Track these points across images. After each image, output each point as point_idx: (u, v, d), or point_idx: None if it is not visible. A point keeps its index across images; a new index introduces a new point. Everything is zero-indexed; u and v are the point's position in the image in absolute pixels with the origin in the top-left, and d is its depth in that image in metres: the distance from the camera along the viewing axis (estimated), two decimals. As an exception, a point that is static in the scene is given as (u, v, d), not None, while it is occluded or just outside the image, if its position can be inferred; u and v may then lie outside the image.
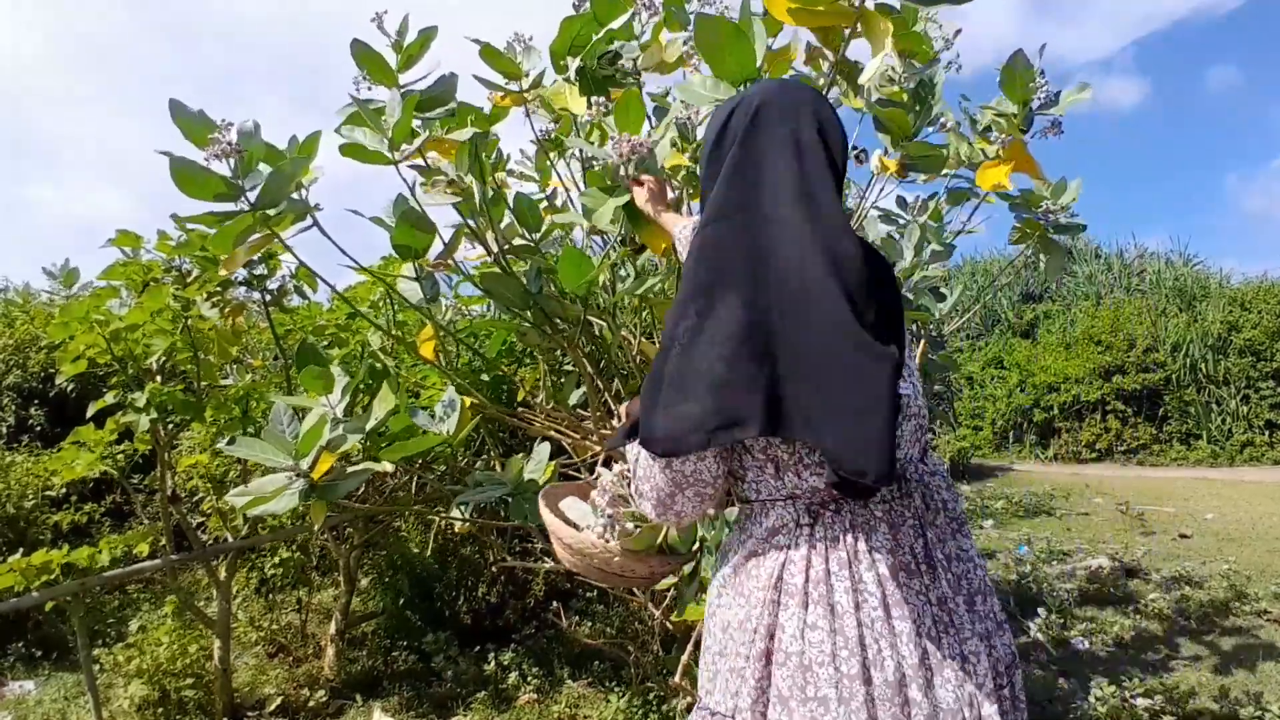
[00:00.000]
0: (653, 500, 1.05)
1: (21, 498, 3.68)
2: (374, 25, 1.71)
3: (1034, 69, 1.75)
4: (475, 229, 1.92)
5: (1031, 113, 1.80)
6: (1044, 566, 4.14)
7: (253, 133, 1.50)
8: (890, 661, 0.96)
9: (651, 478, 1.04)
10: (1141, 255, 11.84)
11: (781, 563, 1.02)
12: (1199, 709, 2.51)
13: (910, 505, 1.04)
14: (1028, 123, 1.81)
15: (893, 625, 0.97)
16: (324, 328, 2.76)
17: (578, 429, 2.17)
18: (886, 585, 0.98)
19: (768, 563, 1.03)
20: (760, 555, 1.05)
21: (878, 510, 1.02)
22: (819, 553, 1.00)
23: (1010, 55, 1.76)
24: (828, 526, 1.01)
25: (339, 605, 3.13)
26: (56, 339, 2.38)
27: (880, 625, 0.97)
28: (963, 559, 1.06)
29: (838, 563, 0.99)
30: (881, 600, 0.98)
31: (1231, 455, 8.15)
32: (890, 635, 0.97)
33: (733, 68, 1.34)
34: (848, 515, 1.01)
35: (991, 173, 1.80)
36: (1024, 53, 1.75)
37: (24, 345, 4.91)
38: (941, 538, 1.05)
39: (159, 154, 1.41)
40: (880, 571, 0.99)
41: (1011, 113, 1.80)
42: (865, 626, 0.97)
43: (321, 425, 1.50)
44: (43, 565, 2.24)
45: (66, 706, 2.87)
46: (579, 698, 2.73)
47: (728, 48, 1.30)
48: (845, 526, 1.01)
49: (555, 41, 1.78)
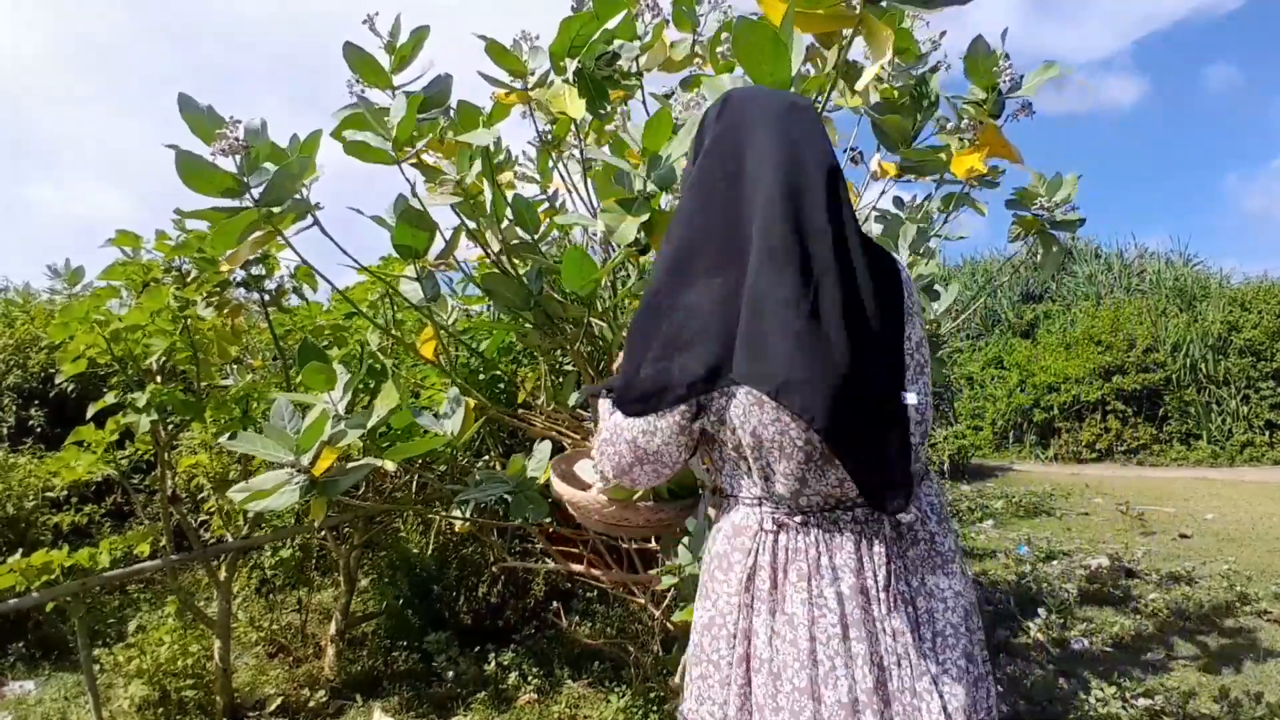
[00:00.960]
0: (612, 463, 1.08)
1: (22, 498, 3.67)
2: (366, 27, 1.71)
3: (997, 54, 1.76)
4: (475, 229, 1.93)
5: (1001, 97, 1.81)
6: (1044, 566, 4.14)
7: (259, 131, 1.50)
8: (844, 682, 0.94)
9: (616, 444, 1.06)
10: (1141, 255, 11.84)
11: (751, 567, 1.02)
12: (1199, 709, 2.51)
13: (881, 531, 1.01)
14: (999, 108, 1.82)
15: (849, 646, 0.95)
16: (323, 328, 2.76)
17: (578, 429, 2.17)
18: (846, 604, 0.97)
19: (735, 567, 1.03)
20: (726, 557, 1.05)
21: (847, 530, 1.00)
22: (779, 563, 1.00)
23: (970, 42, 1.77)
24: (792, 536, 1.01)
25: (339, 605, 3.13)
26: (57, 339, 2.38)
27: (836, 643, 0.95)
28: (934, 596, 1.01)
29: (797, 574, 0.99)
30: (840, 618, 0.96)
31: (1232, 455, 8.15)
32: (846, 655, 0.95)
33: (767, 74, 1.34)
34: (814, 530, 1.00)
35: (965, 159, 1.80)
36: (984, 38, 1.77)
37: (24, 345, 4.90)
38: (912, 569, 1.02)
39: (166, 147, 1.41)
40: (841, 590, 0.97)
41: (980, 99, 1.81)
42: (819, 642, 0.96)
43: (323, 420, 1.50)
44: (43, 565, 2.24)
45: (67, 706, 2.87)
46: (579, 698, 2.73)
47: (767, 55, 1.29)
48: (811, 540, 1.00)
49: (554, 43, 1.78)
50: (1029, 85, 1.80)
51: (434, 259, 1.91)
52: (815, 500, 1.01)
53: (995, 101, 1.81)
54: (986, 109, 1.81)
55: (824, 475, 0.99)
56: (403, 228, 1.77)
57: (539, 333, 1.95)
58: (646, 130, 1.48)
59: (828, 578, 0.98)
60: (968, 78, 1.82)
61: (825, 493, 1.00)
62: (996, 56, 1.77)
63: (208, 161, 1.43)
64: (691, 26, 1.95)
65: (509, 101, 1.94)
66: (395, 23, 1.74)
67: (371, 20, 1.71)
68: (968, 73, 1.80)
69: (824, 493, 1.00)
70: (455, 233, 1.91)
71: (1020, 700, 2.55)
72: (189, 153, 1.42)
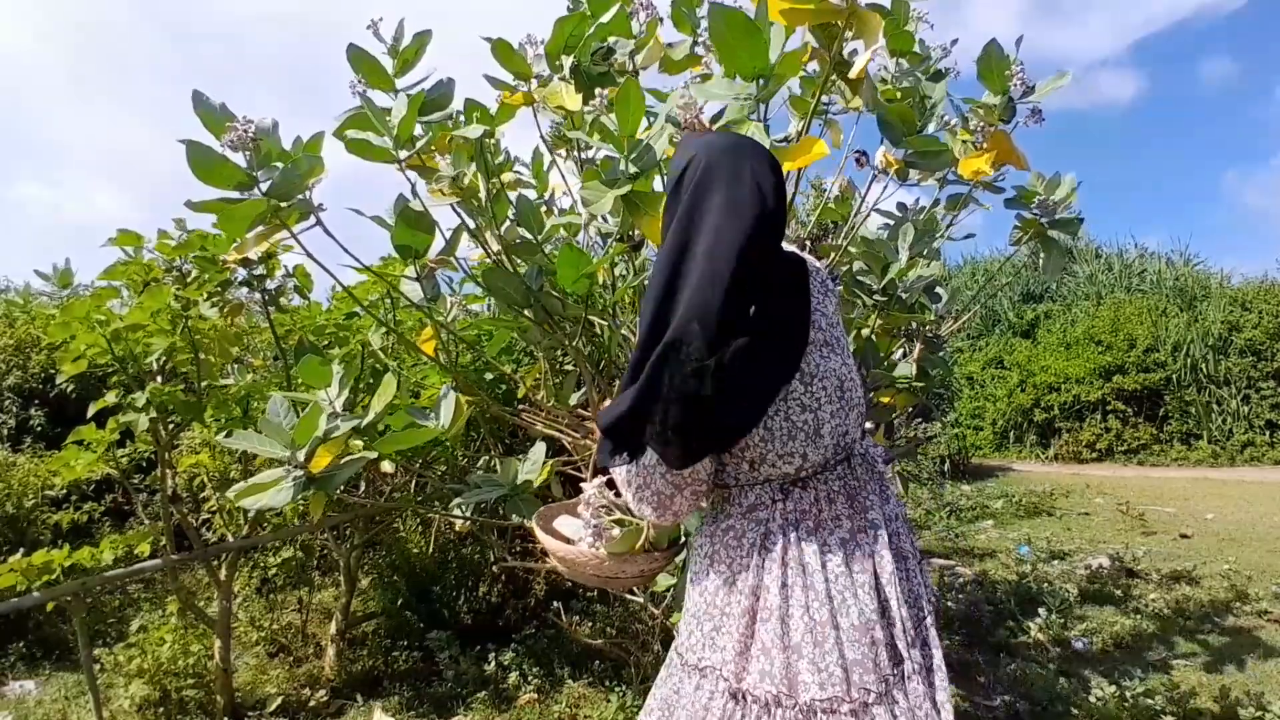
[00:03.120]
0: (653, 504, 1.15)
1: (22, 497, 3.68)
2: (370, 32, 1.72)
3: (1009, 58, 1.76)
4: (475, 229, 1.93)
5: (1013, 102, 1.81)
6: (1044, 566, 4.14)
7: (270, 130, 1.51)
8: (854, 608, 1.11)
9: (651, 484, 1.14)
10: (1142, 255, 11.83)
11: (762, 534, 1.16)
12: (1199, 709, 2.51)
13: (857, 476, 1.20)
14: (1010, 113, 1.83)
15: (854, 578, 1.13)
16: (324, 327, 2.76)
17: (578, 428, 2.17)
18: (848, 545, 1.15)
19: (749, 534, 1.17)
20: (740, 529, 1.18)
21: (835, 484, 1.17)
22: (791, 523, 1.15)
23: (984, 46, 1.78)
24: (797, 501, 1.16)
25: (339, 605, 3.14)
26: (57, 339, 2.38)
27: (844, 579, 1.12)
28: (896, 520, 1.22)
29: (806, 530, 1.15)
30: (844, 558, 1.13)
31: (1232, 455, 8.15)
32: (852, 586, 1.12)
33: (745, 62, 1.34)
34: (813, 490, 1.16)
35: (973, 162, 1.81)
36: (998, 42, 1.77)
37: (25, 346, 4.91)
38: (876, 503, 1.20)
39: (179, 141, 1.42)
40: (841, 535, 1.16)
41: (992, 103, 1.81)
42: (830, 581, 1.12)
43: (317, 414, 1.51)
44: (44, 565, 2.24)
45: (67, 706, 2.87)
46: (579, 697, 2.73)
47: (740, 41, 1.30)
48: (812, 499, 1.16)
49: (550, 42, 1.78)
50: (1041, 92, 1.80)
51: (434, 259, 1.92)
52: (811, 468, 1.17)
53: (1006, 106, 1.81)
54: (998, 113, 1.81)
55: (818, 446, 1.15)
56: (402, 228, 1.77)
57: (539, 330, 1.96)
58: (617, 105, 1.48)
59: (829, 527, 1.15)
60: (980, 81, 1.82)
61: (818, 461, 1.17)
62: (1009, 61, 1.77)
63: (219, 154, 1.44)
64: (691, 29, 1.94)
65: (515, 102, 1.95)
66: (399, 27, 1.74)
67: (375, 25, 1.72)
68: (981, 77, 1.81)
69: (817, 461, 1.16)
70: (455, 232, 1.92)
71: (1021, 700, 2.55)
72: (200, 144, 1.42)
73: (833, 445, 1.17)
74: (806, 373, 1.14)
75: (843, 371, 1.18)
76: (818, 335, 1.17)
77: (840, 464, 1.19)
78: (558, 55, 1.79)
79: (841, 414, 1.17)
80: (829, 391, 1.15)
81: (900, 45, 1.76)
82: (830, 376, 1.15)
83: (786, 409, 1.13)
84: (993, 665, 2.87)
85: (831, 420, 1.16)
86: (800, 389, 1.13)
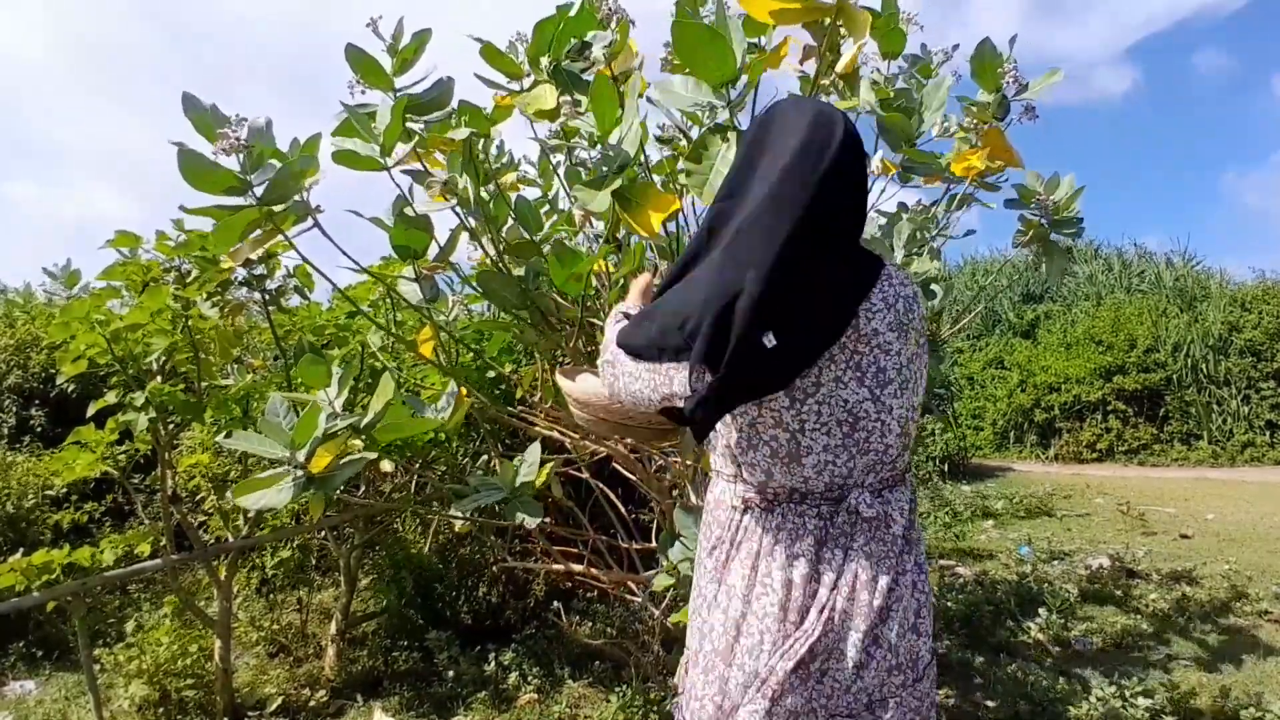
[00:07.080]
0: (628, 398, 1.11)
1: (22, 497, 3.68)
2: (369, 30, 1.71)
3: (1003, 56, 1.77)
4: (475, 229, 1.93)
5: (1006, 100, 1.82)
6: (1044, 566, 4.14)
7: (264, 130, 1.51)
8: (764, 659, 1.04)
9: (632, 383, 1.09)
10: (1142, 255, 11.83)
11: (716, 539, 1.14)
12: (1199, 709, 2.51)
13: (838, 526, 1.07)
14: (1003, 110, 1.83)
15: (785, 629, 1.04)
16: (324, 328, 2.76)
17: (577, 429, 2.17)
18: (793, 591, 1.05)
19: (714, 528, 1.15)
20: (708, 520, 1.17)
21: (810, 522, 1.07)
22: (736, 539, 1.11)
23: (977, 45, 1.79)
24: (755, 518, 1.10)
25: (339, 605, 3.14)
26: (57, 339, 2.38)
27: (770, 622, 1.05)
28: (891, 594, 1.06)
29: (747, 552, 1.09)
30: (781, 602, 1.05)
31: (1232, 456, 8.14)
32: (776, 635, 1.04)
33: (713, 70, 1.36)
34: (778, 516, 1.08)
35: (966, 158, 1.82)
36: (991, 41, 1.78)
37: (25, 346, 4.91)
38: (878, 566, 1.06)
39: (170, 144, 1.42)
40: (792, 576, 1.06)
41: (985, 101, 1.82)
42: (752, 616, 1.07)
43: (316, 414, 1.51)
44: (44, 565, 2.24)
45: (67, 706, 2.87)
46: (579, 698, 2.73)
47: (705, 50, 1.32)
48: (772, 525, 1.08)
49: (530, 46, 1.78)
50: (1034, 89, 1.81)
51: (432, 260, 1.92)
52: (780, 492, 1.09)
53: (1000, 104, 1.82)
54: (992, 110, 1.82)
55: (791, 472, 1.07)
56: (400, 229, 1.77)
57: (535, 330, 1.96)
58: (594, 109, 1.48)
59: (779, 561, 1.06)
60: (974, 80, 1.82)
61: (790, 486, 1.08)
62: (1002, 59, 1.77)
63: (210, 160, 1.43)
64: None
65: (507, 103, 1.94)
66: (398, 25, 1.74)
67: (374, 23, 1.71)
68: (974, 75, 1.81)
69: (789, 486, 1.08)
70: (454, 233, 1.92)
71: (1020, 700, 2.55)
72: (191, 150, 1.42)
73: (818, 479, 1.06)
74: (799, 389, 1.03)
75: (867, 409, 1.04)
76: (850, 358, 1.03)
77: (826, 504, 1.07)
78: (539, 57, 1.78)
79: (843, 452, 1.05)
80: (826, 421, 1.04)
81: (892, 47, 1.77)
82: (838, 407, 1.03)
83: (757, 415, 1.05)
84: (992, 665, 2.87)
85: (824, 454, 1.05)
86: (784, 402, 1.04)
